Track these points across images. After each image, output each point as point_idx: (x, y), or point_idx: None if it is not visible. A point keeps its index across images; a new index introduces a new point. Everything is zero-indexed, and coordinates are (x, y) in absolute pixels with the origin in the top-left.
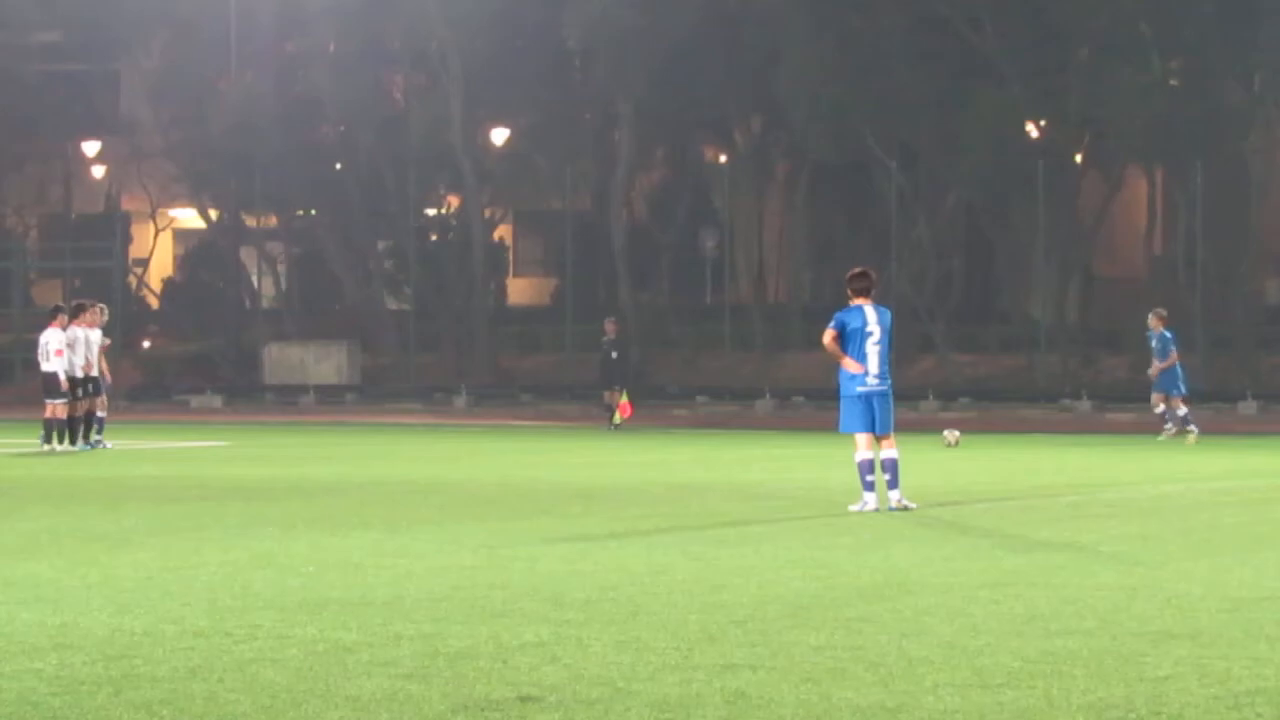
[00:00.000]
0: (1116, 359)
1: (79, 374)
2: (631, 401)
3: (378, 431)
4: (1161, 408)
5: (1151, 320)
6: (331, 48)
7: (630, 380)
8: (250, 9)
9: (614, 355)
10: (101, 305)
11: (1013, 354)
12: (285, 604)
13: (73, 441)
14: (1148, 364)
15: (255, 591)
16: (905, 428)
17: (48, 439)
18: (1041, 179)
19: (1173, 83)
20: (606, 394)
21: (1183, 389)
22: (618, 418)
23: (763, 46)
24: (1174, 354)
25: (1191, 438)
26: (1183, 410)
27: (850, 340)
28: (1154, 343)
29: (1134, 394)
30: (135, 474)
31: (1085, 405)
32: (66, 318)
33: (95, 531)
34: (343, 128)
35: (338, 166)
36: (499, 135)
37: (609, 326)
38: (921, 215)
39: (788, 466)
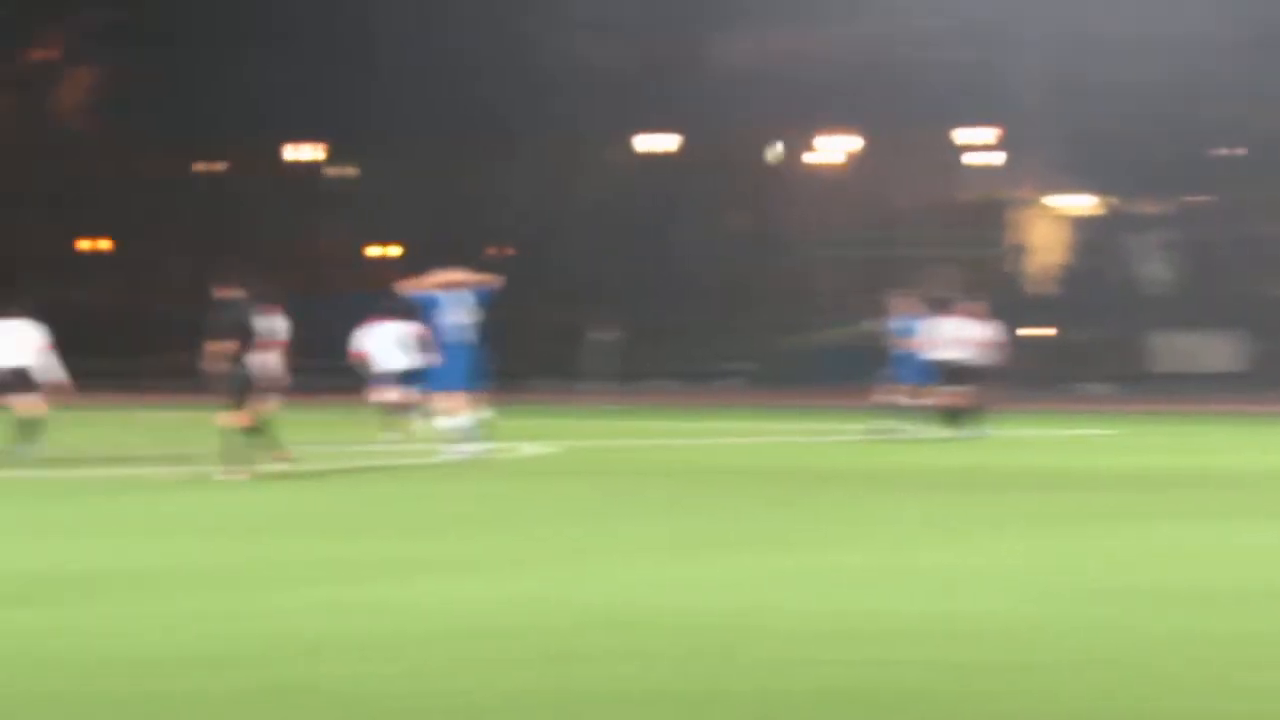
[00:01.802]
0: None
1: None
2: None
3: (1274, 421)
4: None
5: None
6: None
7: None
8: None
9: None
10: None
11: None
12: (1195, 596)
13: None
14: None
15: (1165, 582)
16: None
17: (950, 425)
18: None
19: None
20: None
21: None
22: None
23: None
24: None
25: None
26: None
27: None
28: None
29: None
30: (1018, 463)
31: None
32: (966, 306)
33: (978, 517)
34: (1233, 110)
35: (1223, 152)
36: None
37: None
38: None
39: None
